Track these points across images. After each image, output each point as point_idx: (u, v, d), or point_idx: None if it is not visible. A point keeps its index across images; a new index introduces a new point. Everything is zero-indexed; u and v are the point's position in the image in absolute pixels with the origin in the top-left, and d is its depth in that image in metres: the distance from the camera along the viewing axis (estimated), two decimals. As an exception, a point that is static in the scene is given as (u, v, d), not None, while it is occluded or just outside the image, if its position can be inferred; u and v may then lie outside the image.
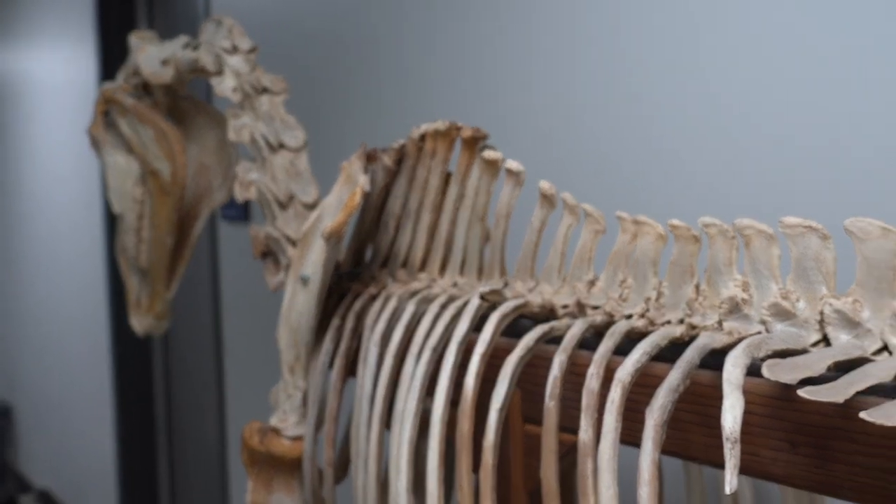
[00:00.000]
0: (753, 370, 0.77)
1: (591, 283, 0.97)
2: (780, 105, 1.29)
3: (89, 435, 3.94)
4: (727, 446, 0.64)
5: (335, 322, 1.21)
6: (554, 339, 0.94)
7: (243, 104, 1.40)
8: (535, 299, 0.99)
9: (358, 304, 1.18)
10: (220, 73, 1.43)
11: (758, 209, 1.26)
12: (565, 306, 0.97)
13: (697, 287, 0.87)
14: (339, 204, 1.19)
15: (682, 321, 0.86)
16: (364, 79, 2.09)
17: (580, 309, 0.95)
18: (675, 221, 0.88)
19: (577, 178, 1.53)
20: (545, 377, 0.89)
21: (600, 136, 1.53)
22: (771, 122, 1.30)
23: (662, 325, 0.87)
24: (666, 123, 1.43)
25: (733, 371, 0.70)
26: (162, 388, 3.58)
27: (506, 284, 1.06)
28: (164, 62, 1.50)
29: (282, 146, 1.39)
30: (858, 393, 0.69)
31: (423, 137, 1.17)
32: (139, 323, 1.69)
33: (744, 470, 0.79)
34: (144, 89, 1.58)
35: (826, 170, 1.24)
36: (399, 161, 1.20)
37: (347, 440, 1.25)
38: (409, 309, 1.06)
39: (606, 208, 1.01)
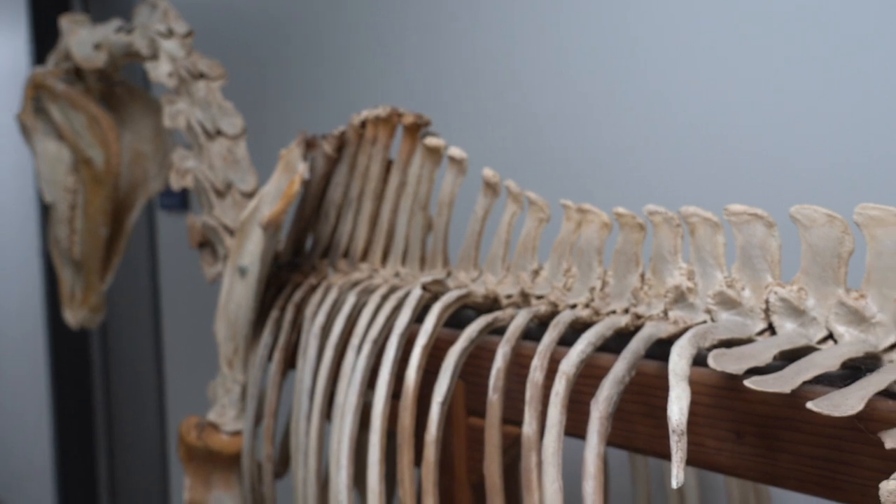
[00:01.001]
0: (699, 360, 0.76)
1: (536, 273, 0.95)
2: (724, 92, 1.28)
3: (26, 430, 3.85)
4: (673, 439, 0.62)
5: (274, 314, 1.17)
6: (498, 330, 0.92)
7: (179, 90, 1.36)
8: (479, 289, 0.97)
9: (298, 296, 1.15)
10: (154, 57, 1.39)
11: (703, 197, 1.25)
12: (509, 296, 0.95)
13: (643, 276, 0.85)
14: (277, 192, 1.15)
15: (627, 311, 0.85)
16: (304, 64, 2.05)
17: (524, 299, 0.93)
18: (620, 209, 0.86)
19: (521, 166, 1.51)
20: (489, 369, 0.87)
21: (544, 123, 1.51)
22: (715, 108, 1.29)
23: (607, 314, 0.86)
24: (610, 111, 1.42)
25: (679, 362, 0.68)
26: (100, 382, 3.50)
27: (449, 274, 1.04)
28: (97, 46, 1.46)
29: (219, 133, 1.35)
30: (804, 382, 0.68)
31: (363, 124, 1.14)
32: (73, 316, 1.64)
33: (689, 461, 0.78)
34: (76, 74, 1.53)
35: (771, 157, 1.24)
36: (339, 148, 1.17)
37: (288, 435, 1.22)
38: (350, 300, 1.03)
39: (551, 196, 0.99)
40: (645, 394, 0.80)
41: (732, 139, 1.27)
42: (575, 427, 0.81)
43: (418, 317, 0.96)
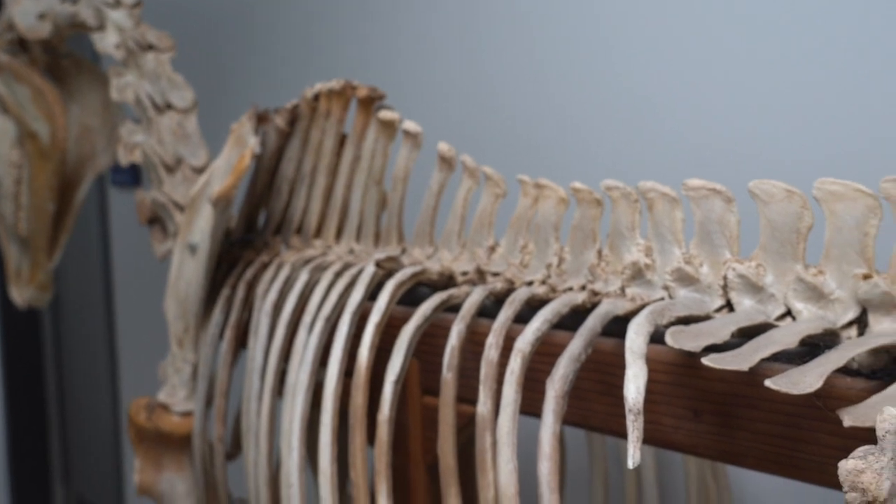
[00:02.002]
0: (657, 337, 0.75)
1: (492, 249, 0.93)
2: (682, 67, 1.27)
3: (-24, 411, 3.78)
4: (630, 418, 0.61)
5: (225, 292, 1.15)
6: (453, 308, 0.90)
7: (127, 62, 1.33)
8: (434, 266, 0.95)
9: (249, 273, 1.12)
10: (101, 28, 1.35)
11: (661, 172, 1.24)
12: (465, 273, 0.93)
13: (600, 252, 0.84)
14: (228, 167, 1.12)
15: (584, 288, 0.83)
16: (257, 36, 2.00)
17: (480, 276, 0.91)
18: (577, 184, 0.84)
19: (478, 140, 1.49)
20: (444, 347, 0.85)
21: (501, 97, 1.49)
22: (673, 82, 1.28)
23: (564, 291, 0.84)
24: (567, 85, 1.40)
25: (636, 339, 0.67)
26: (52, 362, 3.44)
27: (403, 251, 1.02)
28: (41, 16, 1.41)
29: (169, 107, 1.31)
30: (763, 360, 0.67)
31: (316, 97, 1.12)
32: (20, 294, 1.60)
33: (646, 439, 0.76)
34: (20, 46, 1.48)
35: (730, 131, 1.23)
36: (292, 122, 1.14)
37: (241, 416, 1.19)
38: (303, 277, 1.01)
39: (507, 171, 0.97)
40: (602, 371, 0.79)
41: (691, 113, 1.26)
42: (531, 406, 0.79)
43: (372, 294, 0.94)
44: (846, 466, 0.47)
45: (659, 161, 1.29)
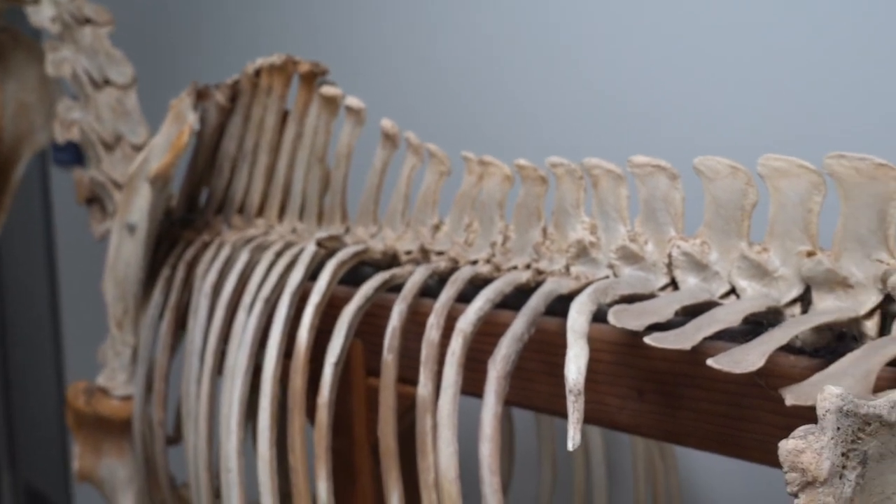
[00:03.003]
0: (600, 316, 0.74)
1: (436, 228, 0.92)
2: (628, 42, 1.26)
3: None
4: (570, 399, 0.59)
5: (165, 272, 1.12)
6: (396, 288, 0.88)
7: (63, 36, 1.28)
8: (377, 245, 0.93)
9: (189, 253, 1.10)
10: (35, 1, 1.30)
11: (606, 148, 1.23)
12: (409, 252, 0.92)
13: (545, 230, 0.82)
14: (166, 145, 1.09)
15: (528, 266, 0.82)
16: (198, 10, 1.96)
17: (424, 255, 0.90)
18: (522, 161, 0.83)
19: (422, 117, 1.47)
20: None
21: (445, 72, 1.47)
22: (619, 58, 1.27)
23: (508, 270, 0.83)
24: (512, 60, 1.38)
25: (578, 319, 0.65)
26: (-4, 346, 3.37)
27: (347, 230, 1.00)
28: (-27, -12, 1.36)
29: (107, 83, 1.27)
30: (706, 338, 0.66)
31: (258, 73, 1.09)
32: (-45, 277, 1.55)
33: (590, 419, 0.75)
34: (-48, 19, 1.43)
35: (675, 106, 1.22)
36: (233, 98, 1.12)
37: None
38: (243, 257, 0.98)
39: (451, 148, 0.95)
40: (546, 352, 0.77)
41: (637, 90, 1.25)
42: (474, 387, 0.78)
43: (313, 274, 0.91)
44: (786, 446, 0.46)
45: (604, 137, 1.28)
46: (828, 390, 0.46)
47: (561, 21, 1.33)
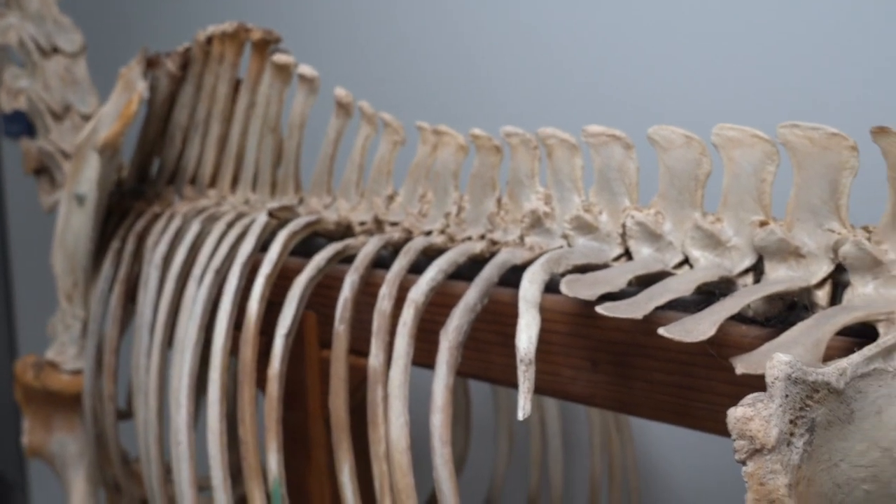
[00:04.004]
0: (555, 287, 0.73)
1: (391, 199, 0.91)
2: (583, 11, 1.25)
3: None
4: (521, 368, 0.59)
5: (115, 244, 1.10)
6: (349, 259, 0.87)
7: (9, 2, 1.25)
8: (331, 216, 0.92)
9: (140, 224, 1.08)
10: (-21, -35, 1.26)
11: (561, 117, 1.22)
12: (363, 223, 0.90)
13: (499, 201, 0.82)
14: (116, 114, 1.07)
15: (483, 237, 0.81)
16: (156, -19, 1.92)
17: (378, 226, 0.88)
18: (477, 131, 0.82)
19: (375, 85, 1.45)
20: (340, 299, 0.82)
21: (399, 40, 1.45)
22: (573, 26, 1.26)
23: (463, 241, 0.82)
24: (467, 27, 1.37)
25: (529, 288, 0.65)
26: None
27: (301, 201, 0.99)
28: (-85, -48, 1.32)
29: (55, 50, 1.24)
30: (658, 308, 0.65)
31: (209, 40, 1.06)
32: None
33: (544, 390, 0.75)
34: None
35: (629, 75, 1.22)
36: (184, 67, 1.09)
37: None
38: (194, 228, 0.96)
39: (406, 117, 0.94)
40: (500, 322, 0.77)
41: (591, 58, 1.25)
42: (427, 358, 0.77)
43: (265, 245, 0.90)
44: (735, 414, 0.46)
45: (560, 106, 1.27)
46: (776, 358, 0.46)
47: (519, -9, 1.31)
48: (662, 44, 1.19)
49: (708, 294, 0.66)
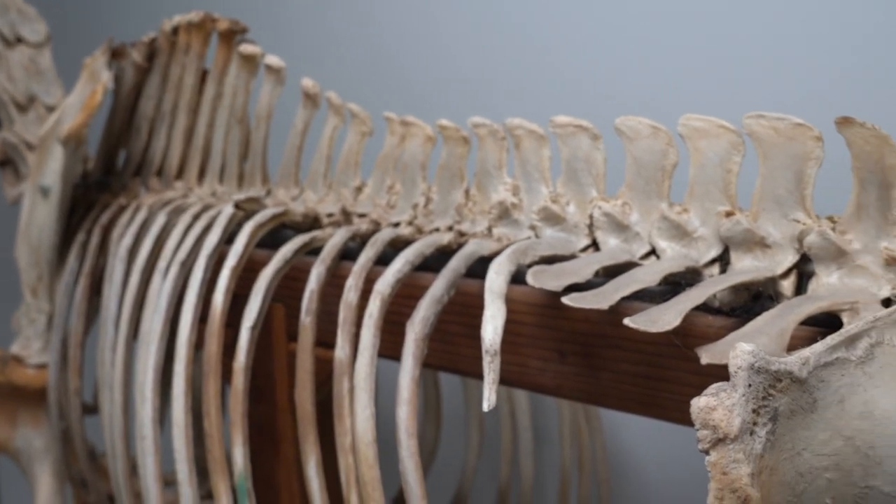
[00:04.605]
0: (524, 278, 0.73)
1: (359, 190, 0.90)
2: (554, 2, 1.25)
3: None
4: (486, 359, 0.59)
5: (80, 237, 1.08)
6: (316, 251, 0.87)
7: (-29, -9, 1.23)
8: (298, 208, 0.91)
9: (105, 217, 1.06)
10: (-60, -46, 1.24)
11: (528, 108, 1.22)
12: (330, 215, 0.90)
13: (467, 192, 0.81)
14: (80, 105, 1.05)
15: (450, 228, 0.81)
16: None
17: (346, 217, 0.88)
18: (444, 122, 0.82)
19: (343, 76, 1.44)
20: (307, 291, 0.82)
21: (366, 30, 1.44)
22: (541, 17, 1.26)
23: (430, 232, 0.81)
24: (434, 18, 1.36)
25: (496, 279, 0.65)
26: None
27: (268, 192, 0.98)
28: None
29: (19, 40, 1.23)
30: (625, 299, 0.65)
31: (176, 31, 1.05)
32: None
33: (512, 382, 0.75)
34: None
35: (598, 67, 1.22)
36: (150, 57, 1.08)
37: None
38: (160, 220, 0.95)
39: (373, 108, 0.94)
40: (468, 314, 0.76)
41: (559, 49, 1.24)
42: (394, 350, 0.76)
43: (231, 237, 0.89)
44: (698, 404, 0.46)
45: (527, 97, 1.27)
46: (740, 347, 0.46)
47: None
48: (631, 34, 1.19)
49: (674, 284, 0.66)
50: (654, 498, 1.27)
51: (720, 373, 0.58)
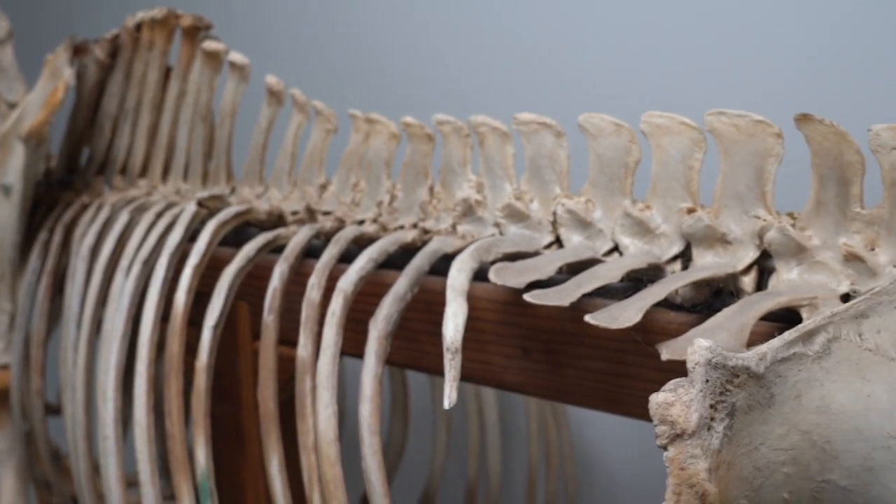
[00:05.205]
0: (487, 275, 0.73)
1: (323, 188, 0.90)
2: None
3: None
4: (447, 357, 0.58)
5: (42, 236, 1.07)
6: (281, 249, 0.86)
7: (-69, -13, 1.21)
8: (263, 206, 0.91)
9: (68, 215, 1.05)
10: None
11: (492, 105, 1.22)
12: (295, 213, 0.89)
13: (432, 189, 0.81)
14: (42, 102, 1.04)
15: (415, 226, 0.81)
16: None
17: (310, 215, 0.87)
18: (409, 119, 0.81)
19: (307, 73, 1.44)
20: (270, 290, 0.81)
21: (331, 27, 1.44)
22: (504, 12, 1.26)
23: (395, 230, 0.81)
24: (398, 16, 1.36)
25: (458, 276, 0.64)
26: None
27: (233, 190, 0.97)
28: None
29: (-19, 37, 1.21)
30: (587, 295, 0.65)
31: (139, 27, 1.04)
32: None
33: (477, 379, 0.75)
34: None
35: (560, 64, 1.22)
36: (113, 54, 1.07)
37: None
38: (122, 218, 0.94)
39: (338, 105, 0.93)
40: (432, 312, 0.76)
41: (523, 47, 1.24)
42: (358, 348, 0.76)
43: (193, 235, 0.88)
44: (656, 400, 0.46)
45: (492, 94, 1.27)
46: (697, 343, 0.46)
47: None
48: (595, 30, 1.19)
49: (636, 281, 0.66)
50: (621, 493, 1.28)
51: (681, 369, 0.59)
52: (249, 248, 0.81)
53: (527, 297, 0.62)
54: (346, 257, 0.80)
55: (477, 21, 1.30)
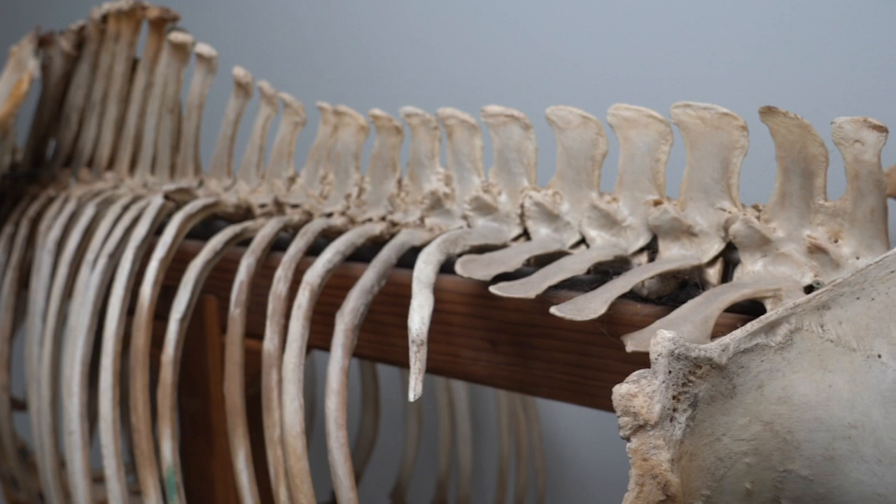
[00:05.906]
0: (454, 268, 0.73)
1: (292, 180, 0.89)
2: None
3: None
4: (412, 349, 0.58)
5: (8, 230, 1.06)
6: (248, 241, 0.86)
7: None
8: (230, 199, 0.90)
9: (33, 209, 1.04)
10: None
11: (460, 97, 1.22)
12: (263, 205, 0.89)
13: (400, 182, 0.81)
14: (6, 94, 1.03)
15: (383, 218, 0.80)
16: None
17: (279, 208, 0.87)
18: (377, 111, 0.81)
19: (275, 65, 1.43)
20: (238, 283, 0.81)
21: (300, 19, 1.43)
22: (475, 5, 1.26)
23: (363, 223, 0.81)
24: (367, 7, 1.36)
25: (424, 269, 0.64)
26: None
27: (200, 183, 0.96)
28: None
29: (-56, 28, 1.20)
30: (554, 288, 0.66)
31: (105, 18, 1.03)
32: None
33: (445, 371, 0.75)
34: None
35: (529, 55, 1.22)
36: (79, 45, 1.06)
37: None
38: (88, 212, 0.94)
39: (306, 97, 0.93)
40: (399, 304, 0.76)
41: (492, 38, 1.24)
42: (325, 341, 0.76)
43: (160, 228, 0.88)
44: (619, 391, 0.46)
45: (460, 86, 1.27)
46: (660, 334, 0.46)
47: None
48: (563, 23, 1.19)
49: (603, 273, 0.67)
50: (591, 484, 1.28)
51: (647, 360, 0.59)
52: (216, 241, 0.80)
53: (493, 289, 0.62)
54: (315, 250, 0.80)
55: (447, 12, 1.29)
